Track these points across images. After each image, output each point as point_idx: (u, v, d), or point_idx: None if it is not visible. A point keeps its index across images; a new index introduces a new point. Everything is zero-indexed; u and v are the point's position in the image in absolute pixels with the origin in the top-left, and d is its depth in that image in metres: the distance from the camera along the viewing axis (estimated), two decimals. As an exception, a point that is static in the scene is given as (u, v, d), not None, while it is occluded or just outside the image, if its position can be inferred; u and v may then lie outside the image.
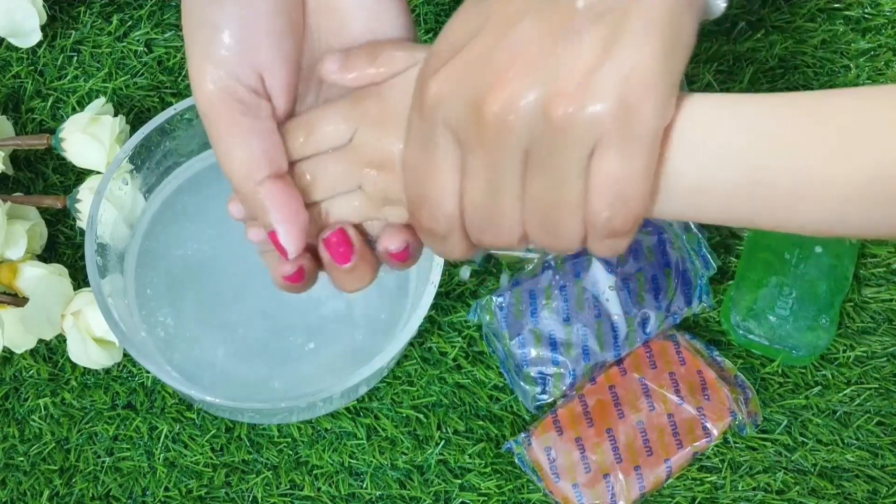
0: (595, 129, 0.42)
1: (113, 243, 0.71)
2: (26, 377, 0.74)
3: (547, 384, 0.72)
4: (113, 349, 0.72)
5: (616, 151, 0.42)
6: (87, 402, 0.74)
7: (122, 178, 0.71)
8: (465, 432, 0.73)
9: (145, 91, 0.82)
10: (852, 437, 0.74)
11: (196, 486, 0.72)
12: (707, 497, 0.72)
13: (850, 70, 0.84)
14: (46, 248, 0.76)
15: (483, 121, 0.43)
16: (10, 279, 0.72)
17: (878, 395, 0.75)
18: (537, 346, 0.73)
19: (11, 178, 0.78)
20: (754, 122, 0.43)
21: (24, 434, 0.73)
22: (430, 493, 0.72)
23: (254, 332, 0.72)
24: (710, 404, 0.72)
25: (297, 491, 0.72)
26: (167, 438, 0.73)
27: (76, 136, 0.75)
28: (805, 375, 0.76)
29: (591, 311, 0.73)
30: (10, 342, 0.72)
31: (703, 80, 0.83)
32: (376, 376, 0.71)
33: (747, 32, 0.85)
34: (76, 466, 0.72)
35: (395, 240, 0.51)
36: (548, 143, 0.42)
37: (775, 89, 0.83)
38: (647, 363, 0.73)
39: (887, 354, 0.76)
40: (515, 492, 0.72)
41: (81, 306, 0.71)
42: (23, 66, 0.82)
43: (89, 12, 0.84)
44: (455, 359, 0.75)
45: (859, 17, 0.86)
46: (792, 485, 0.73)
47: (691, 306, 0.75)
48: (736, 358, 0.75)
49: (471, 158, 0.44)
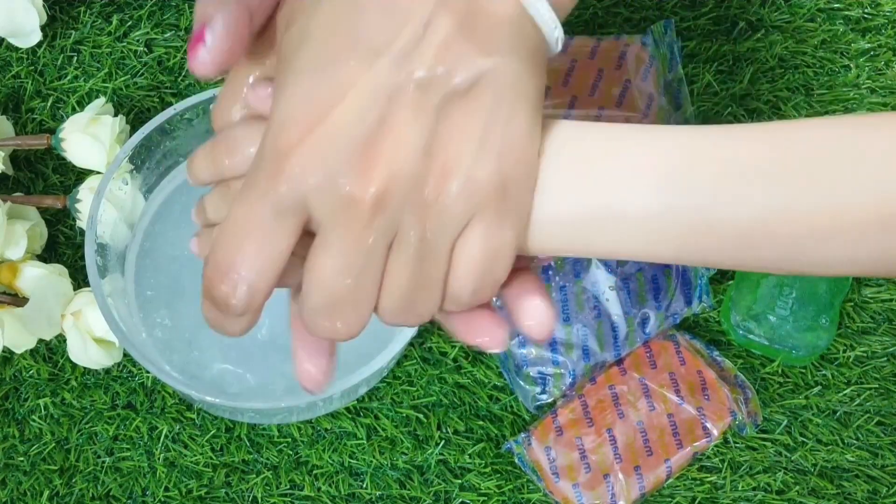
0: (473, 207, 0.41)
1: (113, 243, 0.71)
2: (26, 377, 0.74)
3: (547, 384, 0.72)
4: (113, 349, 0.72)
5: (489, 226, 0.41)
6: (87, 402, 0.74)
7: (122, 178, 0.71)
8: (465, 432, 0.73)
9: (145, 91, 0.82)
10: (852, 437, 0.74)
11: (196, 486, 0.72)
12: (707, 497, 0.72)
13: (850, 70, 0.84)
14: (46, 248, 0.76)
15: (355, 202, 0.40)
16: (10, 279, 0.72)
17: (878, 395, 0.75)
18: (537, 346, 0.73)
19: (11, 178, 0.78)
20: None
21: (24, 434, 0.73)
22: (430, 493, 0.72)
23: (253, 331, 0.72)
24: (710, 404, 0.72)
25: (297, 491, 0.72)
26: (167, 438, 0.73)
27: (76, 136, 0.75)
28: (805, 375, 0.76)
29: (591, 311, 0.73)
30: (10, 342, 0.72)
31: (703, 80, 0.83)
32: (376, 376, 0.71)
33: (747, 32, 0.85)
34: (76, 466, 0.72)
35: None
36: (420, 224, 0.41)
37: (775, 89, 0.83)
38: (647, 363, 0.73)
39: (887, 354, 0.76)
40: (515, 492, 0.72)
41: (81, 306, 0.71)
42: (23, 66, 0.82)
43: (89, 12, 0.84)
44: (455, 359, 0.75)
45: (859, 17, 0.86)
46: (792, 485, 0.73)
47: (691, 306, 0.75)
48: (736, 358, 0.76)
49: (331, 237, 0.41)
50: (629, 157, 0.43)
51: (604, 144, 0.44)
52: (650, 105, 0.79)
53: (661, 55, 0.81)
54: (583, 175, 0.43)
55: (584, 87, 0.79)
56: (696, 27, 0.85)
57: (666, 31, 0.82)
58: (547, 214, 0.43)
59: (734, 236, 0.43)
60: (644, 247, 0.44)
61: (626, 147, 0.44)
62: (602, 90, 0.79)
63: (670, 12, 0.86)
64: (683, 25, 0.85)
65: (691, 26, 0.85)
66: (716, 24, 0.86)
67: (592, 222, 0.43)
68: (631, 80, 0.80)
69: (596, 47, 0.81)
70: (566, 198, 0.43)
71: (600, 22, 0.85)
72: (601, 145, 0.44)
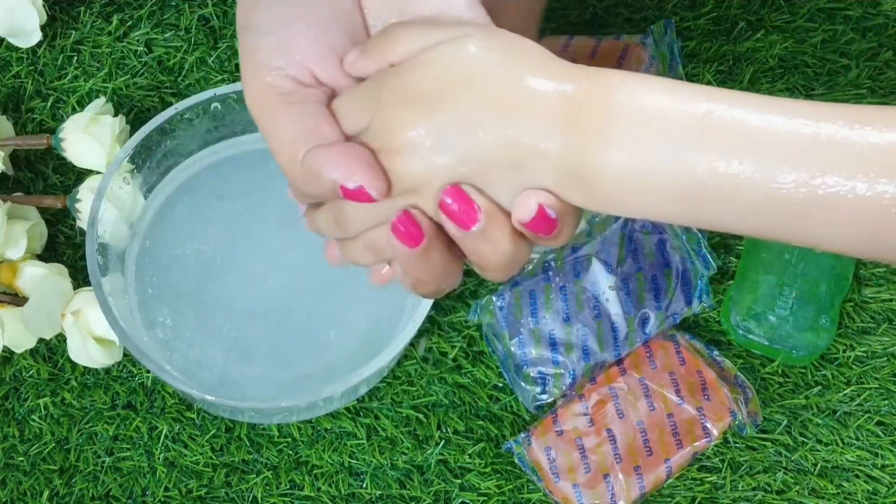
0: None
1: (113, 243, 0.71)
2: (26, 377, 0.74)
3: (547, 384, 0.72)
4: (113, 348, 0.72)
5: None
6: (87, 401, 0.74)
7: (122, 178, 0.71)
8: (465, 432, 0.73)
9: (145, 91, 0.82)
10: (852, 437, 0.74)
11: (196, 486, 0.72)
12: (707, 497, 0.72)
13: (851, 70, 0.84)
14: (46, 248, 0.76)
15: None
16: (10, 279, 0.72)
17: (878, 395, 0.75)
18: (537, 346, 0.73)
19: (11, 178, 0.78)
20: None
21: (24, 434, 0.73)
22: (430, 493, 0.72)
23: (254, 331, 0.72)
24: (710, 404, 0.72)
25: (297, 491, 0.72)
26: (167, 438, 0.73)
27: (76, 136, 0.75)
28: (805, 375, 0.76)
29: (591, 311, 0.73)
30: (10, 342, 0.72)
31: (703, 80, 0.83)
32: (376, 376, 0.71)
33: (747, 32, 0.85)
34: (76, 466, 0.72)
35: (522, 207, 0.47)
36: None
37: (775, 89, 0.83)
38: (647, 363, 0.73)
39: (887, 354, 0.76)
40: (515, 492, 0.72)
41: (81, 305, 0.71)
42: (23, 66, 0.82)
43: (89, 12, 0.84)
44: (455, 359, 0.75)
45: (859, 17, 0.86)
46: (792, 485, 0.73)
47: (691, 306, 0.75)
48: (736, 358, 0.75)
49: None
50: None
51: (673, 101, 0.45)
52: (650, 105, 0.79)
53: (661, 55, 0.81)
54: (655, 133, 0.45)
55: (584, 87, 0.79)
56: (696, 27, 0.85)
57: (666, 31, 0.82)
58: (639, 177, 0.45)
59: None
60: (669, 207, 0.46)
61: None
62: (602, 90, 0.79)
63: (670, 12, 0.86)
64: (683, 25, 0.85)
65: (691, 26, 0.85)
66: (716, 24, 0.86)
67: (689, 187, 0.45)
68: (631, 80, 0.80)
69: (596, 47, 0.81)
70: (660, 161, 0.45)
71: (600, 22, 0.85)
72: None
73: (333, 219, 0.50)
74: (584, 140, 0.45)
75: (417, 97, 0.46)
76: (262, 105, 0.49)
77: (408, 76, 0.47)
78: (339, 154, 0.47)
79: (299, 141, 0.48)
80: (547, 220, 0.46)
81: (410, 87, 0.46)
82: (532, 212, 0.46)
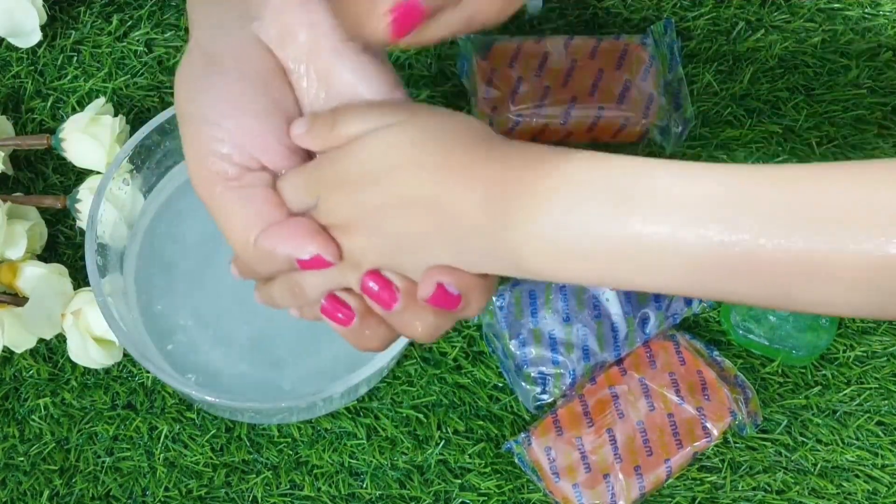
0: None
1: (113, 243, 0.71)
2: (26, 377, 0.74)
3: (547, 384, 0.72)
4: (113, 348, 0.72)
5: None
6: (87, 402, 0.74)
7: (122, 178, 0.71)
8: (465, 432, 0.73)
9: (145, 91, 0.82)
10: (852, 437, 0.74)
11: (196, 486, 0.72)
12: (707, 497, 0.72)
13: (850, 70, 0.84)
14: (46, 248, 0.76)
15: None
16: (10, 279, 0.72)
17: (878, 395, 0.75)
18: (537, 346, 0.73)
19: (11, 178, 0.78)
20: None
21: (24, 434, 0.73)
22: (430, 493, 0.72)
23: (254, 331, 0.72)
24: (710, 404, 0.72)
25: (297, 491, 0.72)
26: (167, 438, 0.73)
27: (76, 136, 0.75)
28: (805, 375, 0.76)
29: (591, 311, 0.73)
30: (10, 342, 0.72)
31: (703, 80, 0.83)
32: (376, 376, 0.71)
33: (747, 32, 0.85)
34: (76, 466, 0.72)
35: (422, 285, 0.49)
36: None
37: (775, 89, 0.83)
38: (647, 363, 0.73)
39: (887, 354, 0.76)
40: (515, 492, 0.72)
41: (81, 305, 0.71)
42: (23, 66, 0.82)
43: (89, 12, 0.84)
44: (455, 359, 0.75)
45: (859, 17, 0.86)
46: (792, 485, 0.73)
47: (691, 306, 0.75)
48: (736, 358, 0.76)
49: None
50: (667, 189, 0.44)
51: (632, 176, 0.45)
52: (650, 105, 0.79)
53: (661, 55, 0.81)
54: (617, 204, 0.44)
55: (584, 87, 0.79)
56: (696, 27, 0.85)
57: (666, 31, 0.82)
58: (569, 241, 0.45)
59: (775, 273, 0.43)
60: (669, 279, 0.45)
61: (662, 179, 0.44)
62: (602, 90, 0.79)
63: (670, 12, 0.86)
64: (683, 25, 0.85)
65: (691, 26, 0.85)
66: (716, 24, 0.86)
67: (621, 251, 0.44)
68: (631, 80, 0.80)
69: (596, 47, 0.81)
70: (594, 225, 0.44)
71: (600, 22, 0.85)
72: (630, 176, 0.45)
73: (289, 290, 0.52)
74: (507, 217, 0.46)
75: (355, 180, 0.48)
76: (211, 191, 0.51)
77: (346, 161, 0.49)
78: (288, 230, 0.49)
79: (250, 224, 0.50)
80: (448, 296, 0.48)
81: (351, 171, 0.48)
82: (431, 289, 0.48)
